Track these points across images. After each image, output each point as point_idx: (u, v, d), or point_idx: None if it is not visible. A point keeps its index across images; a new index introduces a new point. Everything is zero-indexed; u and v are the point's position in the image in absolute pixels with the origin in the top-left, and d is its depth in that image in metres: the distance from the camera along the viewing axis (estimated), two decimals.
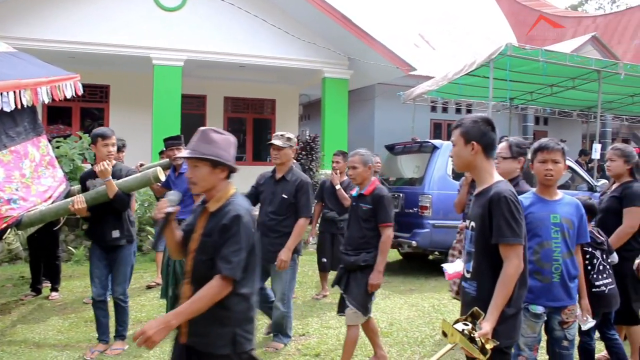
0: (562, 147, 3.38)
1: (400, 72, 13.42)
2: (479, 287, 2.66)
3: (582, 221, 3.35)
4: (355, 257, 4.41)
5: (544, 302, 3.28)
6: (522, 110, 18.57)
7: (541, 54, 11.26)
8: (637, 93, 15.37)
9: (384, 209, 4.42)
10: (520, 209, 2.60)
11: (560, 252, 3.27)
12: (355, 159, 4.54)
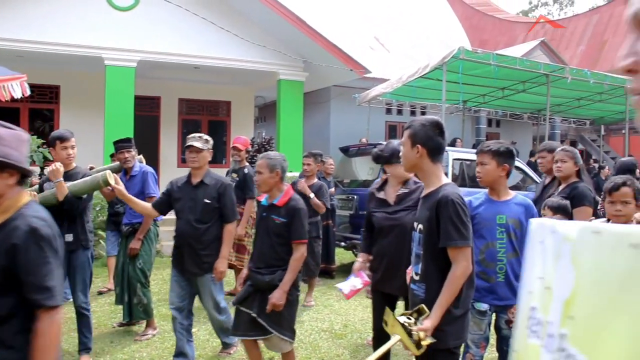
0: (490, 149, 3.42)
1: (355, 75, 13.50)
2: (428, 289, 2.68)
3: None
4: (270, 275, 3.91)
5: (489, 300, 3.37)
6: (475, 113, 18.94)
7: (492, 57, 11.50)
8: (583, 97, 15.89)
9: (300, 224, 3.95)
10: (467, 211, 2.63)
11: (505, 252, 3.33)
12: (261, 163, 4.04)
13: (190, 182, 4.73)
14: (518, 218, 3.37)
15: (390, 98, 15.22)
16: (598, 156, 21.50)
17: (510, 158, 3.43)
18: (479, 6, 32.34)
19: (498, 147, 3.43)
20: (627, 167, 6.00)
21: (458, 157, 9.50)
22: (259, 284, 3.94)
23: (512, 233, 3.35)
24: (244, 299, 4.00)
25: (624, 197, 3.32)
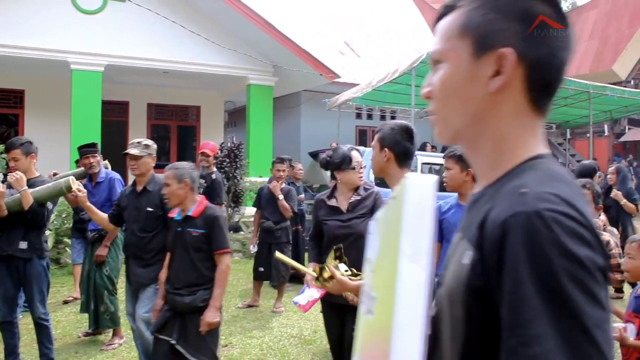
0: (454, 154, 3.42)
1: (325, 80, 13.54)
2: None
3: None
4: (190, 296, 3.62)
5: None
6: None
7: None
8: None
9: (220, 232, 3.71)
10: None
11: None
12: (168, 174, 3.74)
13: (135, 190, 4.56)
14: None
15: (360, 103, 15.29)
16: (564, 159, 21.88)
17: None
18: None
19: (461, 151, 3.41)
20: (587, 170, 6.13)
21: (427, 161, 9.58)
22: (178, 307, 3.66)
23: None
24: (162, 326, 3.70)
25: None
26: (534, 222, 0.77)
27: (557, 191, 0.82)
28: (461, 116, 0.97)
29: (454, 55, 0.96)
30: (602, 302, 0.75)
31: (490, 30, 0.93)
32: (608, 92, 14.82)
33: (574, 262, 0.75)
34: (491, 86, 0.93)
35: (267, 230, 6.87)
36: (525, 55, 0.91)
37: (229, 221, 10.68)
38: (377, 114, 18.19)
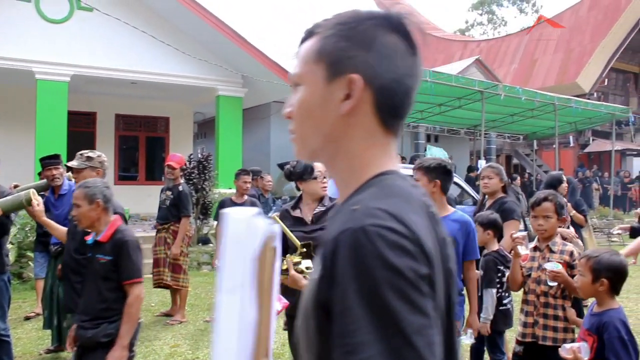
0: (421, 165, 3.45)
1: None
2: None
3: (469, 238, 3.39)
4: (93, 330, 3.14)
5: None
6: (414, 128, 19.29)
7: (429, 74, 11.77)
8: (516, 113, 16.45)
9: (129, 260, 3.23)
10: None
11: None
12: (77, 193, 3.30)
13: None
14: (452, 235, 3.24)
15: None
16: (532, 170, 22.23)
17: (443, 174, 3.39)
18: None
19: (429, 163, 3.43)
20: (554, 180, 6.26)
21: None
22: (81, 342, 3.23)
23: None
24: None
25: (545, 212, 3.39)
26: (359, 237, 0.82)
27: (387, 206, 0.87)
28: (316, 136, 1.04)
29: (310, 79, 1.03)
30: (423, 309, 0.80)
31: (341, 57, 0.99)
32: (572, 104, 15.15)
33: (395, 272, 0.79)
34: (342, 109, 0.98)
35: None
36: (373, 81, 0.97)
37: (198, 233, 10.55)
38: None
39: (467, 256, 3.41)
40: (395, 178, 0.99)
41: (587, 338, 2.73)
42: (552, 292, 3.31)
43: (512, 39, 29.35)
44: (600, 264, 2.74)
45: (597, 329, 2.67)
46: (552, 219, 3.38)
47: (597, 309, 2.78)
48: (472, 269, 3.46)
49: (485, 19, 54.73)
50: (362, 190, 0.96)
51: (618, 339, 2.58)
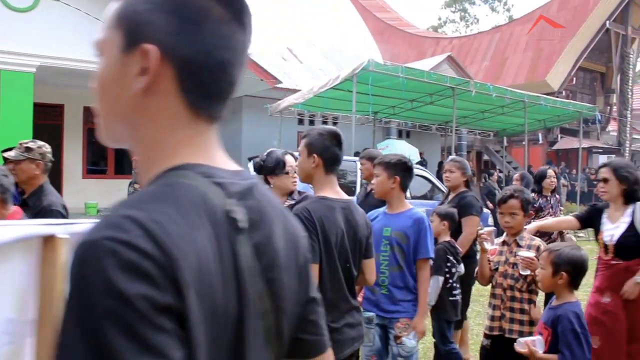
0: (382, 161, 3.39)
1: (267, 85, 13.45)
2: None
3: (420, 236, 3.28)
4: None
5: (376, 312, 3.33)
6: (386, 124, 19.36)
7: (401, 70, 11.80)
8: (487, 109, 16.62)
9: None
10: (311, 228, 2.44)
11: (388, 265, 3.27)
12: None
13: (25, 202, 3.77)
14: (404, 231, 3.27)
15: (302, 109, 15.32)
16: (502, 166, 22.51)
17: (404, 170, 3.33)
18: (391, 21, 33.29)
19: (389, 159, 3.37)
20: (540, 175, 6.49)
21: None
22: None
23: (395, 246, 3.27)
24: None
25: (512, 209, 3.42)
26: (87, 253, 0.67)
27: (142, 214, 0.70)
28: (114, 118, 0.87)
29: (108, 49, 0.85)
30: (157, 348, 0.64)
31: (138, 22, 0.82)
32: (542, 101, 15.36)
33: (122, 302, 0.64)
34: (136, 86, 0.82)
35: None
36: (173, 53, 0.81)
37: None
38: (319, 120, 18.24)
39: (418, 254, 3.28)
40: (187, 175, 0.80)
41: (543, 331, 2.78)
42: (518, 286, 3.34)
43: (484, 36, 29.66)
44: (560, 258, 2.79)
45: (553, 322, 2.72)
46: (519, 215, 3.41)
47: (555, 303, 2.83)
48: (424, 269, 3.31)
49: (458, 16, 55.32)
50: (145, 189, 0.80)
51: (571, 331, 2.63)
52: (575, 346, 2.61)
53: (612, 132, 28.33)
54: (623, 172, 3.68)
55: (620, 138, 25.83)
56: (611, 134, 28.46)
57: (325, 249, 2.50)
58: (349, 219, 2.62)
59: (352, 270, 2.65)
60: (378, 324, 3.34)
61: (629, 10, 25.33)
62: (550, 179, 6.41)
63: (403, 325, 3.22)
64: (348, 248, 2.60)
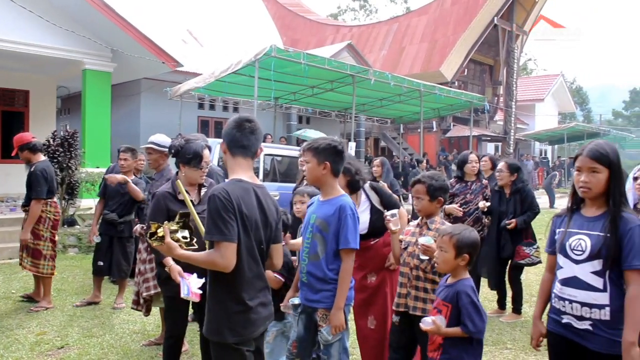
0: (310, 146, 3.25)
1: (167, 68, 13.13)
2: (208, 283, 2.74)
3: (340, 225, 3.15)
4: None
5: (302, 299, 3.33)
6: (287, 110, 19.49)
7: (303, 56, 11.91)
8: (385, 97, 17.14)
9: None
10: (230, 206, 2.52)
11: (308, 253, 3.23)
12: None
13: None
14: (325, 219, 3.18)
15: (203, 93, 15.12)
16: (398, 152, 23.30)
17: (334, 154, 3.20)
18: (292, 6, 33.32)
19: (318, 144, 3.23)
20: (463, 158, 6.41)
21: (269, 152, 9.69)
22: None
23: (317, 234, 3.20)
24: None
25: (418, 194, 3.57)
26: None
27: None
28: None
29: None
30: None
31: None
32: (436, 91, 16.04)
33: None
34: None
35: (110, 223, 6.51)
36: None
37: (64, 214, 9.98)
38: (220, 105, 18.07)
39: (340, 244, 3.14)
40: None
41: (442, 308, 2.95)
42: (423, 266, 3.46)
43: (382, 26, 30.40)
44: (462, 241, 2.97)
45: (452, 299, 2.92)
46: (424, 200, 3.53)
47: (451, 280, 3.02)
48: (345, 260, 3.15)
49: (358, 5, 56.21)
50: None
51: (471, 303, 2.85)
52: (476, 317, 2.84)
53: (499, 122, 30.06)
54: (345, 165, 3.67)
55: (506, 127, 27.45)
56: (498, 123, 30.19)
57: (243, 228, 2.57)
58: (261, 203, 2.70)
59: (264, 252, 2.74)
60: (304, 312, 3.31)
61: (513, 9, 26.89)
62: (471, 164, 6.30)
63: (321, 315, 3.19)
64: (261, 230, 2.69)
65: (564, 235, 2.68)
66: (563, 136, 30.55)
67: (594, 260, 2.53)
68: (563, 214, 2.80)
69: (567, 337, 2.64)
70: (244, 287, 2.62)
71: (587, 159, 2.58)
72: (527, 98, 35.10)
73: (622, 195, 2.59)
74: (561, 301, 2.66)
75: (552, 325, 2.74)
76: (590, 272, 2.55)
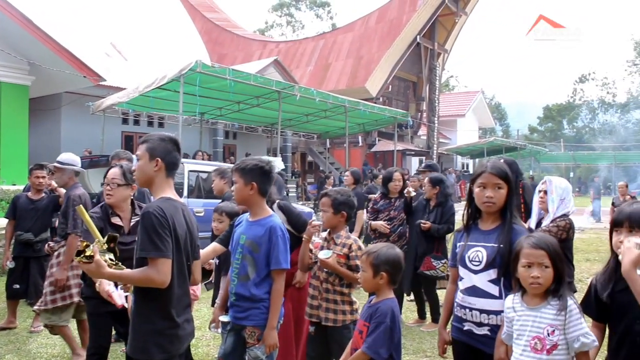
0: (237, 167, 3.29)
1: (89, 82, 12.85)
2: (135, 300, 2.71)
3: (272, 246, 3.17)
4: None
5: (231, 317, 3.32)
6: (213, 125, 19.39)
7: (229, 72, 11.95)
8: (311, 113, 17.37)
9: None
10: (164, 224, 2.55)
11: (238, 274, 3.22)
12: None
13: None
14: (255, 240, 3.18)
15: (127, 107, 14.83)
16: (325, 166, 23.57)
17: (261, 175, 3.22)
18: (219, 21, 33.22)
19: (245, 164, 3.25)
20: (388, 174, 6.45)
21: (194, 169, 9.64)
22: None
23: (247, 255, 3.20)
24: None
25: (323, 206, 3.70)
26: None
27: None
28: None
29: None
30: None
31: None
32: (361, 107, 16.41)
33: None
34: None
35: (25, 243, 6.26)
36: None
37: None
38: (145, 120, 17.78)
39: (270, 265, 3.16)
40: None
41: (363, 328, 2.94)
42: (331, 279, 3.58)
43: (309, 42, 30.78)
44: (379, 259, 2.92)
45: (371, 317, 2.90)
46: (328, 212, 3.65)
47: (375, 300, 2.98)
48: (276, 281, 3.19)
49: (285, 21, 56.67)
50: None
51: (382, 324, 2.83)
52: (380, 338, 2.81)
53: (422, 136, 30.94)
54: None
55: (429, 142, 28.31)
56: (422, 137, 31.07)
57: (176, 245, 2.61)
58: (187, 220, 2.76)
59: (190, 268, 2.79)
60: (233, 329, 3.30)
61: (435, 28, 27.87)
62: (394, 182, 6.37)
63: (249, 332, 3.19)
64: (189, 246, 2.75)
65: (464, 248, 2.83)
66: (483, 150, 31.74)
67: (490, 270, 2.70)
68: (462, 229, 2.94)
69: (469, 343, 2.78)
70: (173, 304, 2.64)
71: (492, 176, 2.74)
72: (449, 114, 36.30)
73: (514, 209, 2.80)
74: (462, 309, 2.79)
75: (455, 333, 2.87)
76: (487, 280, 2.72)
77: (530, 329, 2.39)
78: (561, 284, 2.42)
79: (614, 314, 2.38)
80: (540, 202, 4.22)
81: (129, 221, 3.71)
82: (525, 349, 2.39)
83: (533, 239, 2.48)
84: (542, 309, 2.39)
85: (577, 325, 2.31)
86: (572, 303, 2.36)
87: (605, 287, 2.40)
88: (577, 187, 44.75)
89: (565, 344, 2.32)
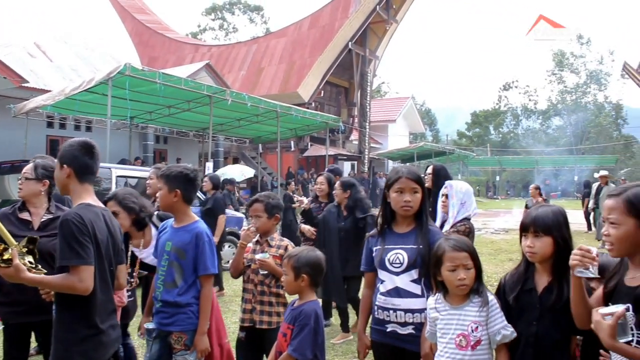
0: (162, 173, 3.35)
1: (11, 84, 12.42)
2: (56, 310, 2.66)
3: (198, 252, 3.23)
4: None
5: (156, 324, 3.34)
6: (143, 129, 19.08)
7: (159, 76, 11.85)
8: (243, 117, 17.41)
9: None
10: (84, 230, 2.52)
11: (164, 280, 3.25)
12: None
13: None
14: (181, 246, 3.23)
15: (52, 111, 14.42)
16: (257, 171, 23.59)
17: (185, 182, 3.28)
18: (150, 23, 32.66)
19: (170, 171, 3.30)
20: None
21: (122, 174, 9.52)
22: None
23: (174, 262, 3.23)
24: None
25: (256, 212, 3.70)
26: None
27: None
28: None
29: None
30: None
31: None
32: (293, 112, 16.57)
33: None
34: None
35: None
36: None
37: None
38: (71, 124, 17.31)
39: (198, 271, 3.23)
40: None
41: (287, 331, 3.00)
42: (267, 281, 3.60)
43: (242, 47, 30.70)
44: (299, 262, 2.98)
45: (295, 320, 2.95)
46: (262, 217, 3.66)
47: (298, 303, 3.05)
48: (204, 286, 3.25)
49: (217, 24, 56.22)
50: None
51: (306, 326, 2.90)
52: (305, 340, 2.87)
53: (354, 141, 31.37)
54: (128, 203, 3.89)
55: (361, 147, 28.76)
56: (353, 142, 31.50)
57: (97, 252, 2.58)
58: (109, 226, 2.74)
59: (113, 273, 2.77)
60: (158, 336, 3.32)
61: (367, 35, 28.35)
62: (318, 186, 6.44)
63: (176, 338, 3.22)
64: (111, 252, 2.73)
65: (382, 252, 2.92)
66: (413, 155, 32.45)
67: (412, 270, 2.83)
68: (376, 234, 3.03)
69: (391, 344, 2.87)
70: (97, 311, 2.61)
71: (409, 181, 2.86)
72: (380, 119, 36.90)
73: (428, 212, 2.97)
74: (385, 311, 2.88)
75: (376, 336, 2.96)
76: (409, 281, 2.84)
77: (455, 327, 2.52)
78: (481, 281, 2.58)
79: (515, 313, 2.51)
80: (442, 207, 4.23)
81: (40, 217, 3.57)
82: (450, 346, 2.51)
83: (452, 241, 2.60)
84: (465, 307, 2.53)
85: (498, 318, 2.48)
86: (493, 298, 2.53)
87: (513, 289, 2.54)
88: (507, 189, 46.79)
89: (487, 339, 2.48)
